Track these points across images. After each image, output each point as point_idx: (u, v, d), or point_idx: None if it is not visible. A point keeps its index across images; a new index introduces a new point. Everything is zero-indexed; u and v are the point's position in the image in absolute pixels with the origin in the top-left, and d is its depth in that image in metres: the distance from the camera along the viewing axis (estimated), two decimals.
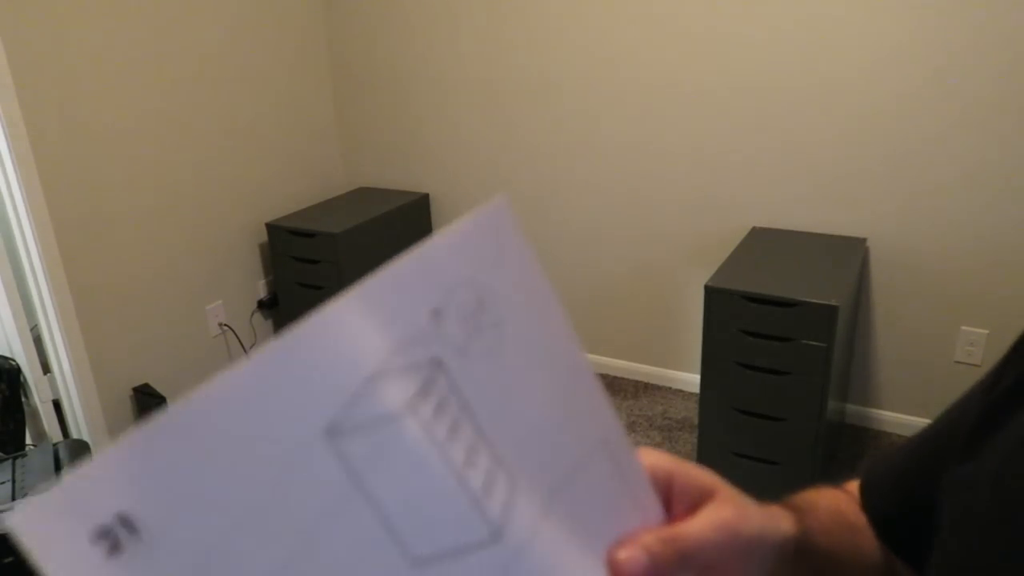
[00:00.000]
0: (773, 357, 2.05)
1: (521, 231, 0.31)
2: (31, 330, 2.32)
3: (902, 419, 2.50)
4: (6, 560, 1.80)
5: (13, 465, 2.02)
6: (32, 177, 2.14)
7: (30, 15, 2.10)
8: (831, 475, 2.30)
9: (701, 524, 0.35)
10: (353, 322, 0.24)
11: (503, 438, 0.28)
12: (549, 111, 2.73)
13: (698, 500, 0.36)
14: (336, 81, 3.13)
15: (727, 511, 0.35)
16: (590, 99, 2.65)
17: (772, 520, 0.38)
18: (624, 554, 0.32)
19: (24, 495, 1.89)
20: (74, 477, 0.19)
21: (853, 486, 0.53)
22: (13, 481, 1.97)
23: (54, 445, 2.13)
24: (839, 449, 2.44)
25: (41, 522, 0.19)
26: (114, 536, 0.20)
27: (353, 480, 0.24)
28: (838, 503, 0.50)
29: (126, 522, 0.20)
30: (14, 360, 2.31)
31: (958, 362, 2.36)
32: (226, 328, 2.82)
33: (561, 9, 2.58)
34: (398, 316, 0.25)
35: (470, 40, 2.78)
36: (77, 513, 0.19)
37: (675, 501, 0.36)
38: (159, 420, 0.21)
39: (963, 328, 2.32)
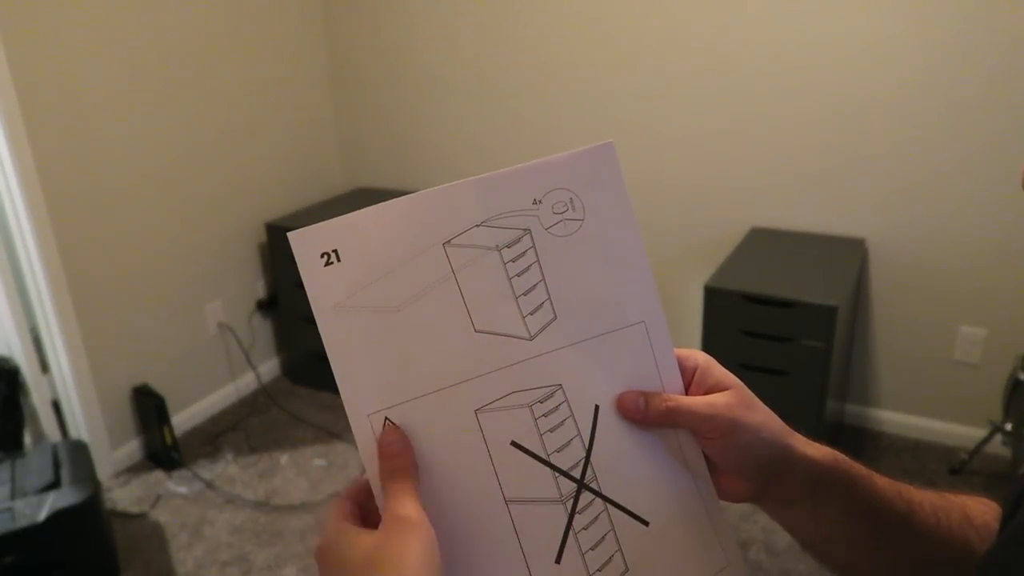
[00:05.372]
0: (772, 357, 2.05)
1: (620, 172, 0.46)
2: (30, 330, 2.32)
3: (901, 419, 2.50)
4: (6, 560, 1.80)
5: (12, 465, 2.02)
6: (31, 177, 2.14)
7: (30, 15, 2.10)
8: None
9: (697, 399, 0.46)
10: (477, 194, 0.45)
11: (558, 288, 0.46)
12: (548, 111, 2.73)
13: (713, 390, 0.47)
14: (335, 81, 3.13)
15: (723, 399, 0.45)
16: (589, 99, 2.65)
17: (779, 429, 0.47)
18: (629, 394, 0.46)
19: (23, 495, 1.89)
20: (315, 227, 0.43)
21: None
22: (12, 481, 1.96)
23: (53, 445, 2.13)
24: (838, 449, 2.43)
25: (301, 245, 0.43)
26: (329, 257, 0.43)
27: (453, 270, 0.44)
28: (966, 503, 0.50)
29: (334, 253, 0.43)
30: (13, 360, 2.31)
31: (957, 362, 2.36)
32: (225, 328, 2.82)
33: (560, 8, 2.59)
34: (510, 198, 0.45)
35: (469, 39, 2.78)
36: (313, 244, 0.43)
37: (695, 386, 0.47)
38: (368, 210, 0.43)
39: (962, 328, 2.32)
